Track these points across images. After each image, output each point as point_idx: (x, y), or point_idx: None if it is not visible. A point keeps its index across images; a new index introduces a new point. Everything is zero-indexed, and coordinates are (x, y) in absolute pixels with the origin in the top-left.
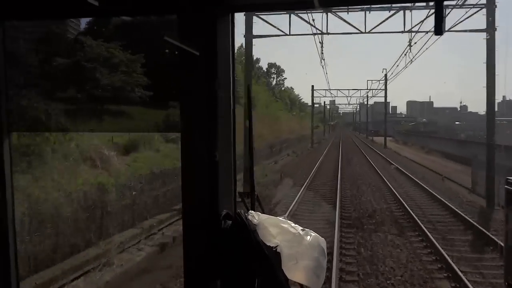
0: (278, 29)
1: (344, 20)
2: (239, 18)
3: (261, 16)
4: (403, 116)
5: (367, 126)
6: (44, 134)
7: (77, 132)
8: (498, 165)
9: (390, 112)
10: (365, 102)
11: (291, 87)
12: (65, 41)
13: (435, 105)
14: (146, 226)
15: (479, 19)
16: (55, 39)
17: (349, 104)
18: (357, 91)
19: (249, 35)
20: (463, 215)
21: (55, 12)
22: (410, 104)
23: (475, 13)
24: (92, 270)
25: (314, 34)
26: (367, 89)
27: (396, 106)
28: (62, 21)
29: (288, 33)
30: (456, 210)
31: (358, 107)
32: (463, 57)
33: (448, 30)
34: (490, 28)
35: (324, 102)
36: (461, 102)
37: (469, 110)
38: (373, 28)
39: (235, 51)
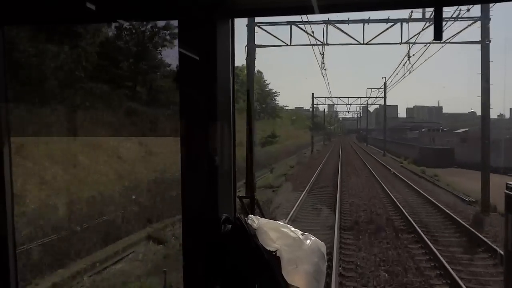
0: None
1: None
2: (241, 26)
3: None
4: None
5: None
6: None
7: (78, 136)
8: None
9: (404, 116)
10: (369, 107)
11: (257, 71)
12: (66, 45)
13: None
14: None
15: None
16: (56, 43)
17: (348, 111)
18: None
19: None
20: None
21: (56, 16)
22: (418, 109)
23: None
24: None
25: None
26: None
27: (413, 108)
28: (63, 26)
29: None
30: None
31: (361, 112)
32: (464, 64)
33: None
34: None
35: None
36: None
37: (477, 115)
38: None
39: (235, 56)
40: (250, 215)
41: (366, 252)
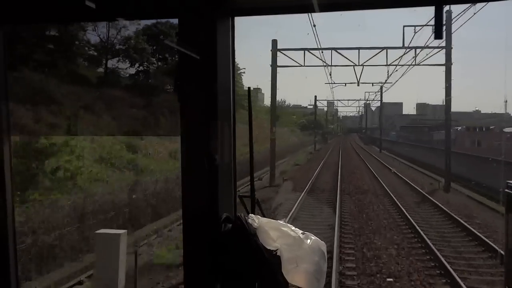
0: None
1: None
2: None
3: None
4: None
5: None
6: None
7: (78, 135)
8: None
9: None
10: (371, 104)
11: None
12: (67, 45)
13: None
14: None
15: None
16: (56, 43)
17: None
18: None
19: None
20: None
21: (56, 16)
22: (421, 106)
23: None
24: None
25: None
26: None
27: (428, 105)
28: (63, 25)
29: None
30: None
31: (363, 110)
32: (464, 62)
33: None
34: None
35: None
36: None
37: (482, 113)
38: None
39: (235, 55)
40: (250, 214)
41: None
